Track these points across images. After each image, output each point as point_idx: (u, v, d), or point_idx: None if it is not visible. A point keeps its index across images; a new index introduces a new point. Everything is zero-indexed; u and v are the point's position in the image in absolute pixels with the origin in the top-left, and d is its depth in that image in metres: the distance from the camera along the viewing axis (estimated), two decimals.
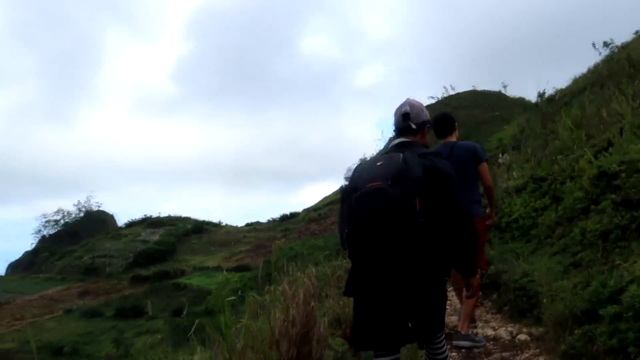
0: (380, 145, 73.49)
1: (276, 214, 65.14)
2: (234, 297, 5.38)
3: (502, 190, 7.86)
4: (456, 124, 4.57)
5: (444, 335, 2.40)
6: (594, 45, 16.08)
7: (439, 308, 2.30)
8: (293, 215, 59.78)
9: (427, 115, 2.65)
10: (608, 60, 20.96)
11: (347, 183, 2.37)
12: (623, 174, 4.87)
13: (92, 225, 64.64)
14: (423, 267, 2.16)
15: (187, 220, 59.84)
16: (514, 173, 8.63)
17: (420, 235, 2.10)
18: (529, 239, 6.28)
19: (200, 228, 56.16)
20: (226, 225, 62.48)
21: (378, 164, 2.24)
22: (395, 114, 2.61)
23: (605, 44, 15.64)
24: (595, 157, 5.97)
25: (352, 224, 2.17)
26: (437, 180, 2.18)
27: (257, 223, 65.07)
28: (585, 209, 5.19)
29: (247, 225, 63.53)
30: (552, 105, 20.74)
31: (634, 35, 18.57)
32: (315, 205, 62.17)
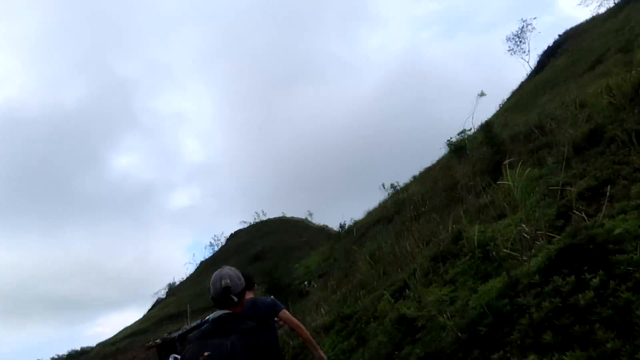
0: (191, 269, 70.73)
1: (64, 350, 55.60)
2: None
3: (311, 329, 7.64)
4: (254, 282, 4.79)
5: None
6: (383, 185, 18.19)
7: None
8: (84, 351, 51.74)
9: (243, 282, 2.72)
10: (393, 198, 24.09)
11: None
12: (420, 321, 5.04)
13: None
14: None
15: None
16: (322, 309, 8.58)
17: None
18: None
19: None
20: None
21: (205, 354, 2.23)
22: (214, 284, 2.62)
23: (392, 186, 17.82)
24: (394, 299, 6.20)
25: None
26: (261, 356, 2.34)
27: None
28: (389, 355, 5.16)
29: None
30: (351, 237, 22.49)
31: (411, 179, 21.84)
32: (113, 337, 55.07)
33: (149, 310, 64.18)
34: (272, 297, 4.82)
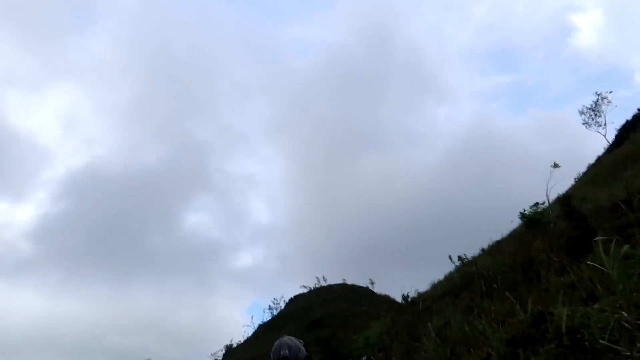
0: (249, 331, 69.98)
1: None
2: None
3: None
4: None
5: None
6: (450, 257, 17.28)
7: None
8: None
9: (304, 353, 2.73)
10: (461, 272, 22.80)
11: None
12: None
13: None
14: None
15: None
16: None
17: None
18: None
19: None
20: None
21: None
22: (274, 354, 2.71)
23: (459, 258, 16.90)
24: None
25: None
26: None
27: None
28: None
29: None
30: (414, 309, 21.33)
31: (479, 251, 20.67)
32: None
33: None
34: None
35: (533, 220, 15.48)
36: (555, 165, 14.64)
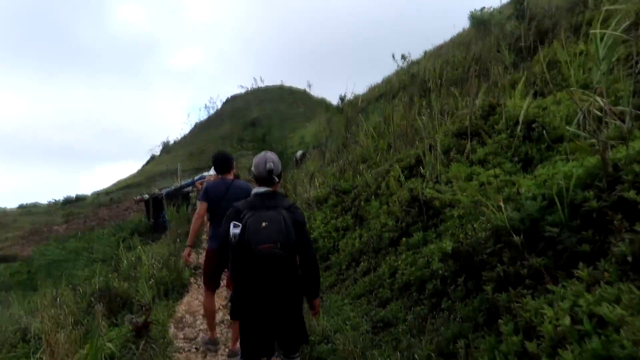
0: (186, 130, 70.04)
1: (61, 196, 56.72)
2: None
3: (302, 201, 6.80)
4: (234, 163, 4.73)
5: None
6: (393, 56, 16.53)
7: (304, 326, 3.00)
8: (80, 198, 52.72)
9: (280, 165, 3.02)
10: (399, 73, 22.42)
11: (239, 210, 2.74)
12: (437, 202, 4.09)
13: None
14: (296, 300, 2.88)
15: None
16: (316, 181, 7.68)
17: (297, 281, 2.81)
18: (329, 266, 5.26)
19: None
20: None
21: (263, 224, 2.63)
22: (259, 166, 2.94)
23: (403, 57, 16.14)
24: (404, 177, 5.23)
25: (252, 278, 2.67)
26: (299, 229, 2.76)
27: (36, 205, 55.87)
28: (395, 241, 4.30)
29: (21, 207, 54.02)
30: (353, 109, 21.24)
31: (422, 54, 20.02)
32: (108, 188, 55.94)
33: (144, 166, 64.67)
34: (248, 184, 4.70)
35: (481, 22, 14.66)
36: None
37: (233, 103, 66.10)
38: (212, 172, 20.42)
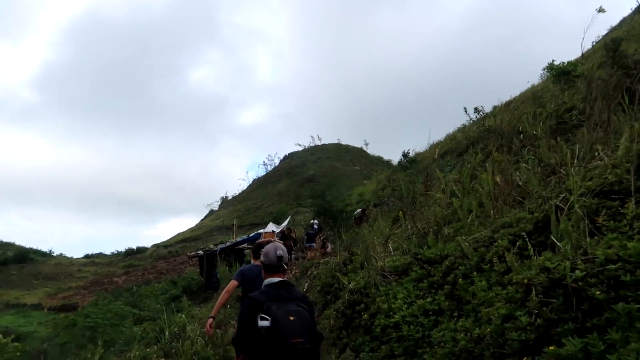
0: (244, 186, 70.82)
1: (123, 247, 57.83)
2: None
3: (376, 271, 5.47)
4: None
5: None
6: (465, 110, 15.26)
7: None
8: (140, 250, 53.45)
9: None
10: (464, 129, 21.06)
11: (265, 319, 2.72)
12: (596, 292, 2.71)
13: None
14: None
15: (8, 246, 49.67)
16: (389, 245, 6.36)
17: None
18: None
19: (23, 257, 46.66)
20: (59, 255, 53.54)
21: (291, 318, 2.73)
22: (269, 254, 3.08)
23: (476, 110, 14.87)
24: (517, 248, 3.84)
25: None
26: (314, 319, 2.96)
27: (99, 255, 57.15)
28: (530, 346, 2.89)
29: (86, 257, 55.35)
30: (415, 166, 19.95)
31: (491, 109, 18.68)
32: (167, 241, 56.58)
33: (202, 220, 65.42)
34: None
35: (563, 72, 13.24)
36: (601, 10, 11.86)
37: (290, 160, 66.56)
38: (268, 229, 19.43)
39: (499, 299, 3.51)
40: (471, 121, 16.63)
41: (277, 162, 71.46)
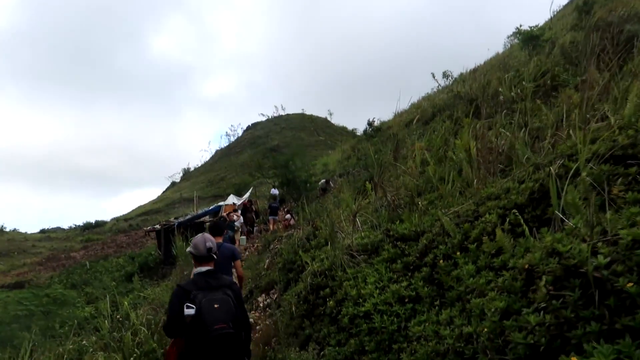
0: (206, 157, 68.87)
1: (81, 221, 55.50)
2: None
3: (342, 250, 4.79)
4: (225, 230, 6.61)
5: None
6: (433, 75, 14.61)
7: None
8: (99, 223, 51.47)
9: (216, 246, 3.34)
10: (430, 97, 20.50)
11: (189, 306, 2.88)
12: (624, 282, 2.09)
13: None
14: None
15: None
16: (357, 221, 5.66)
17: (242, 351, 3.09)
18: None
19: None
20: (12, 230, 50.90)
21: (215, 305, 2.88)
22: (199, 246, 3.24)
23: (444, 75, 14.23)
24: (510, 224, 3.20)
25: (208, 354, 2.84)
26: (241, 304, 3.12)
27: (56, 230, 54.76)
28: (541, 353, 2.26)
29: (42, 232, 52.89)
30: (380, 134, 19.35)
31: (458, 76, 18.14)
32: (127, 214, 54.68)
33: (164, 192, 63.52)
34: (234, 246, 6.10)
35: (532, 37, 12.71)
36: None
37: (253, 131, 64.92)
38: (228, 201, 18.46)
39: (491, 287, 2.87)
40: (438, 89, 16.00)
41: (240, 132, 69.79)
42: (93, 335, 6.28)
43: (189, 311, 2.83)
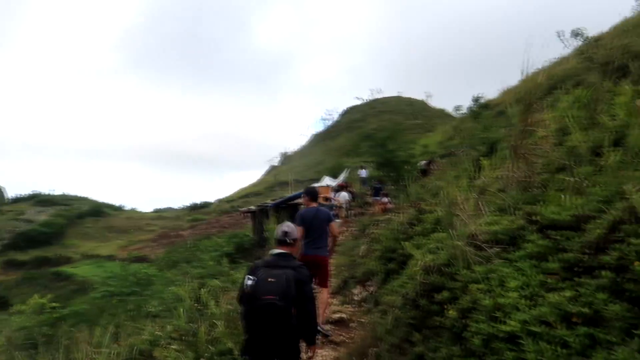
0: (303, 141, 69.38)
1: (189, 202, 58.72)
2: None
3: (464, 240, 3.55)
4: (320, 195, 7.33)
5: None
6: (559, 35, 12.41)
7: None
8: (204, 204, 54.01)
9: (297, 233, 3.60)
10: (542, 71, 17.95)
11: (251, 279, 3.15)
12: None
13: None
14: (291, 343, 3.19)
15: (83, 200, 51.42)
16: (480, 204, 4.34)
17: (292, 329, 3.15)
18: None
19: (97, 211, 48.19)
20: (130, 209, 55.19)
21: (269, 279, 3.09)
22: (277, 230, 3.52)
23: (574, 34, 12.02)
24: None
25: (255, 321, 3.09)
26: (300, 286, 3.15)
27: (168, 210, 58.56)
28: None
29: (155, 211, 56.81)
30: (487, 113, 17.36)
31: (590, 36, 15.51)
32: (230, 196, 56.81)
33: (263, 175, 65.18)
34: (331, 211, 7.02)
35: None
36: None
37: (350, 115, 63.93)
38: (323, 183, 17.64)
39: None
40: (559, 57, 13.67)
41: (336, 117, 69.26)
42: (170, 323, 5.68)
43: (249, 282, 3.12)
